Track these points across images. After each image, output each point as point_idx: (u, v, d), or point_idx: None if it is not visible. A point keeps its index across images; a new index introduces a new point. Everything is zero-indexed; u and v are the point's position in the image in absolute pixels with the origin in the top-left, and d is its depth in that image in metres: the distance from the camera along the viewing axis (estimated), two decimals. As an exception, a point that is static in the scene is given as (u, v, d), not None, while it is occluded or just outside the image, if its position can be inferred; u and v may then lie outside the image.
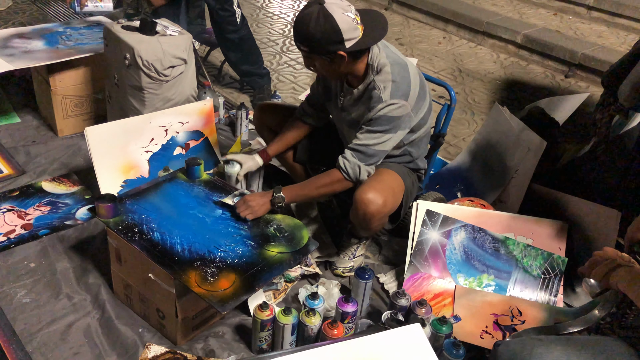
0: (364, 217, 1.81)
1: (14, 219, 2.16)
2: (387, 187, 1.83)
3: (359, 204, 1.79)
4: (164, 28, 2.40)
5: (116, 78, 2.40)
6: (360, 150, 1.80)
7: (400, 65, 1.80)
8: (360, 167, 1.81)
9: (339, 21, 1.65)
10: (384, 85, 1.76)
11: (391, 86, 1.76)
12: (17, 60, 2.51)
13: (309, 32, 1.67)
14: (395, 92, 1.76)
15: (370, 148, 1.79)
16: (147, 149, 2.29)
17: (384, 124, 1.77)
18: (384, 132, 1.78)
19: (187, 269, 1.59)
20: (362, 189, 1.80)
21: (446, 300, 1.93)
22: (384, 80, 1.76)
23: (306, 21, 1.67)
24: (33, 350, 1.65)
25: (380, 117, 1.77)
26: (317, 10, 1.66)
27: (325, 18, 1.65)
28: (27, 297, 1.84)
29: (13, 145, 2.62)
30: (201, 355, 1.69)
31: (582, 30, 4.45)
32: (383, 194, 1.79)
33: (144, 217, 1.76)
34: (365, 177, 1.83)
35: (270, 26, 4.51)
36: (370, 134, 1.79)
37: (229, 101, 3.20)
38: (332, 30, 1.66)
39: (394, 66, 1.78)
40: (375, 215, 1.79)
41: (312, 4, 1.68)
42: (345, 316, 1.69)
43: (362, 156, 1.80)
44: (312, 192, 1.89)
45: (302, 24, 1.69)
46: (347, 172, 1.82)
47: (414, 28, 4.74)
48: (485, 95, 3.61)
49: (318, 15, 1.65)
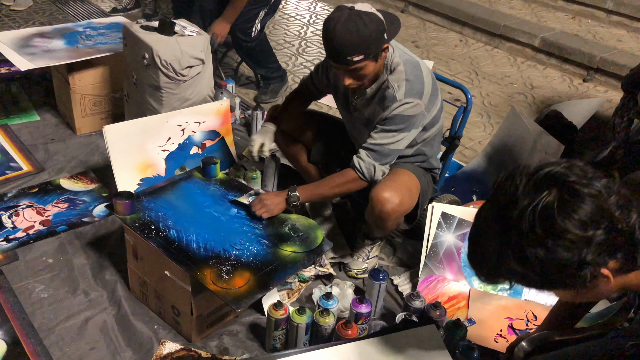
0: (379, 216, 1.80)
1: (33, 215, 2.19)
2: (403, 187, 1.82)
3: (375, 202, 1.79)
4: (182, 28, 2.42)
5: (134, 77, 2.43)
6: (375, 149, 1.80)
7: (413, 64, 1.79)
8: (375, 166, 1.80)
9: (378, 15, 1.65)
10: (398, 85, 1.75)
11: (405, 85, 1.75)
12: (38, 59, 2.55)
13: (360, 35, 1.61)
14: (409, 91, 1.75)
15: (385, 147, 1.79)
16: (164, 148, 2.31)
17: (398, 123, 1.77)
18: (399, 131, 1.78)
19: (202, 267, 1.60)
20: (379, 187, 1.80)
21: (460, 303, 1.92)
22: (397, 80, 1.76)
23: (352, 28, 1.60)
24: (50, 345, 1.68)
25: (395, 116, 1.76)
26: (354, 13, 1.62)
27: (367, 16, 1.62)
28: (45, 292, 1.86)
29: (32, 142, 2.66)
30: (215, 353, 1.70)
31: (601, 34, 4.39)
32: (399, 193, 1.79)
33: (161, 214, 1.78)
34: (380, 177, 1.83)
35: (287, 27, 4.52)
36: (385, 133, 1.78)
37: (245, 102, 3.22)
38: (378, 25, 1.64)
39: (407, 65, 1.77)
40: (391, 214, 1.79)
41: (342, 12, 1.63)
42: (359, 317, 1.69)
43: (377, 155, 1.80)
44: (327, 191, 1.89)
45: (348, 34, 1.60)
46: (361, 172, 1.82)
47: (430, 31, 4.73)
48: (501, 98, 3.59)
49: (360, 17, 1.61)
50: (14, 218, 2.16)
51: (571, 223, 0.86)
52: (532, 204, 0.88)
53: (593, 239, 0.86)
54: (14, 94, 3.02)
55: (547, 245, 0.87)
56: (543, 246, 0.87)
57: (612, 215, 0.87)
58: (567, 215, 0.86)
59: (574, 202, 0.87)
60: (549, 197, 0.88)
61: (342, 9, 1.65)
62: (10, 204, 2.24)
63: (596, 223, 0.86)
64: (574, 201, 0.86)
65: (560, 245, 0.86)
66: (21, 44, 2.68)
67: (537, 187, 0.89)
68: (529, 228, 0.87)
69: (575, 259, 0.86)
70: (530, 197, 0.89)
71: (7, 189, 2.32)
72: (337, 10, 1.66)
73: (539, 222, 0.87)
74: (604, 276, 0.90)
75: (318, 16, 4.83)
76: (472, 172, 2.50)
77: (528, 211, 0.88)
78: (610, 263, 0.91)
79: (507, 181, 0.94)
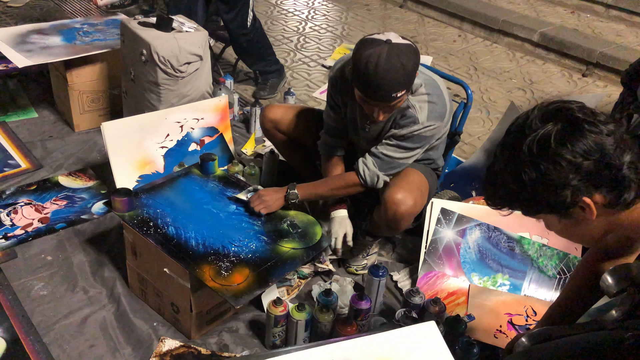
0: (393, 218, 1.79)
1: (31, 212, 2.19)
2: (416, 188, 1.81)
3: (389, 204, 1.77)
4: (180, 24, 2.41)
5: (132, 74, 2.42)
6: (384, 160, 1.78)
7: (433, 85, 1.75)
8: (379, 176, 1.80)
9: (412, 44, 1.60)
10: (420, 106, 1.72)
11: (428, 107, 1.72)
12: (36, 55, 2.54)
13: (406, 70, 1.56)
14: (431, 114, 1.73)
15: (395, 161, 1.79)
16: (163, 145, 2.30)
17: (415, 142, 1.77)
18: (413, 149, 1.78)
19: (201, 264, 1.60)
20: (392, 189, 1.78)
21: (460, 299, 1.92)
22: (419, 101, 1.72)
23: (397, 65, 1.54)
24: (50, 342, 1.67)
25: (413, 136, 1.75)
26: (394, 48, 1.55)
27: (407, 48, 1.57)
28: (44, 289, 1.86)
29: (30, 140, 2.65)
30: (215, 349, 1.70)
31: (600, 29, 4.39)
32: (413, 194, 1.77)
33: (159, 211, 1.77)
34: (380, 186, 1.82)
35: (285, 23, 4.51)
36: (399, 148, 1.77)
37: (243, 98, 3.21)
38: (416, 55, 1.60)
39: (428, 85, 1.74)
40: (404, 216, 1.78)
41: (380, 48, 1.55)
42: (359, 313, 1.69)
43: (384, 166, 1.79)
44: (326, 192, 1.89)
45: (394, 72, 1.55)
46: (364, 179, 1.81)
47: (428, 26, 4.71)
48: (500, 94, 3.58)
49: (401, 50, 1.56)
50: (12, 216, 2.16)
51: (565, 150, 0.94)
52: (535, 131, 0.97)
53: (581, 167, 0.94)
54: (12, 91, 3.01)
55: (539, 166, 0.96)
56: (537, 167, 0.96)
57: (605, 150, 0.94)
58: (563, 144, 0.95)
59: (574, 135, 0.95)
60: (552, 127, 0.96)
61: (377, 43, 1.57)
62: (8, 201, 2.24)
63: (588, 154, 0.94)
64: (574, 134, 0.95)
65: (550, 167, 0.95)
66: (18, 40, 2.66)
67: (545, 118, 0.98)
68: (528, 151, 0.97)
69: (563, 182, 0.95)
70: (536, 125, 0.98)
71: (5, 187, 2.32)
72: (371, 44, 1.57)
73: (536, 146, 0.96)
74: (586, 204, 0.97)
75: (316, 12, 4.82)
76: (471, 167, 2.50)
77: (530, 137, 0.97)
78: (596, 196, 0.98)
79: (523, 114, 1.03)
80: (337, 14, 4.82)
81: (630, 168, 0.95)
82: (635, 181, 0.96)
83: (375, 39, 1.59)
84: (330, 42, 4.19)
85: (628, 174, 0.95)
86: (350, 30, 4.47)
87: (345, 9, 4.95)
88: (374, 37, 1.60)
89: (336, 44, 4.15)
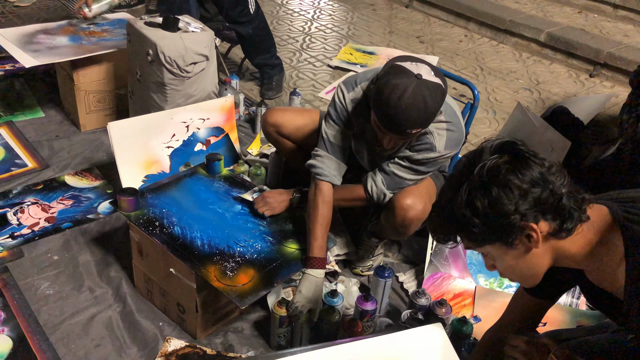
0: (402, 223, 1.77)
1: (38, 212, 2.20)
2: (425, 193, 1.79)
3: (398, 210, 1.75)
4: (186, 24, 2.41)
5: (138, 74, 2.43)
6: (394, 179, 1.76)
7: (450, 111, 1.71)
8: (386, 194, 1.78)
9: (442, 84, 1.55)
10: (439, 133, 1.69)
11: (446, 135, 1.69)
12: (42, 55, 2.55)
13: (428, 111, 1.53)
14: (449, 142, 1.70)
15: (405, 182, 1.76)
16: (169, 145, 2.31)
17: (429, 167, 1.75)
18: (425, 172, 1.77)
19: (206, 264, 1.60)
20: (401, 194, 1.77)
21: (466, 300, 1.91)
22: (438, 128, 1.69)
23: (420, 104, 1.50)
24: (56, 341, 1.68)
25: (428, 163, 1.73)
26: (423, 86, 1.51)
27: (435, 89, 1.52)
28: (50, 288, 1.87)
29: (37, 139, 2.66)
30: (220, 350, 1.70)
31: (607, 29, 4.36)
32: (422, 199, 1.76)
33: (165, 211, 1.78)
34: (385, 202, 1.80)
35: (290, 23, 4.51)
36: (411, 171, 1.75)
37: (249, 98, 3.21)
38: (442, 97, 1.56)
39: (447, 113, 1.69)
40: (414, 221, 1.77)
41: (408, 82, 1.50)
42: (365, 314, 1.68)
43: (393, 185, 1.77)
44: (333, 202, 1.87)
45: (416, 110, 1.51)
46: (371, 195, 1.79)
47: (435, 26, 4.70)
48: (507, 94, 3.57)
49: (428, 90, 1.51)
50: (19, 215, 2.17)
51: (514, 177, 1.02)
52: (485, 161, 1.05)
53: (529, 193, 1.02)
54: (19, 91, 3.03)
55: (491, 192, 1.02)
56: (488, 192, 1.03)
57: (549, 180, 1.03)
58: (512, 171, 1.03)
59: (521, 165, 1.03)
60: (501, 158, 1.04)
61: (407, 74, 1.51)
62: (15, 200, 2.25)
63: (534, 183, 1.02)
64: (521, 164, 1.03)
65: (502, 192, 1.02)
66: (25, 40, 2.67)
67: (492, 152, 1.07)
68: (478, 177, 1.04)
69: (512, 207, 1.01)
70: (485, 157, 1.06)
71: (12, 186, 2.33)
72: (401, 74, 1.52)
73: (487, 173, 1.04)
74: (533, 230, 1.03)
75: (322, 11, 4.81)
76: (477, 168, 2.49)
77: (480, 165, 1.05)
78: (542, 224, 1.04)
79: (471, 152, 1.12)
80: (342, 13, 4.82)
81: (569, 197, 1.04)
82: (575, 209, 1.04)
83: (406, 70, 1.52)
84: (336, 42, 4.19)
85: (568, 203, 1.03)
86: (356, 30, 4.46)
87: (351, 8, 4.94)
88: (406, 67, 1.53)
89: (342, 44, 4.15)
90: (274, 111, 2.12)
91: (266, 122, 2.11)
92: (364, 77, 1.78)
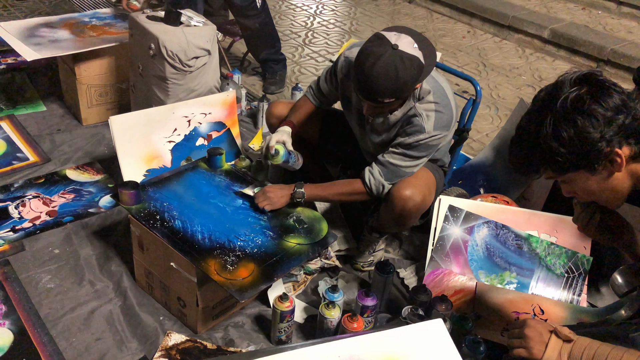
0: (401, 214, 1.78)
1: (39, 205, 2.20)
2: (424, 184, 1.80)
3: (397, 200, 1.76)
4: (188, 19, 2.41)
5: (140, 68, 2.42)
6: (390, 169, 1.77)
7: (441, 92, 1.72)
8: (384, 185, 1.79)
9: (420, 57, 1.55)
10: (427, 114, 1.70)
11: (435, 116, 1.70)
12: (44, 49, 2.54)
13: (399, 81, 1.54)
14: (438, 123, 1.71)
15: (401, 170, 1.77)
16: (170, 139, 2.30)
17: (421, 151, 1.75)
18: (419, 157, 1.77)
19: (207, 257, 1.60)
20: (400, 185, 1.77)
21: (467, 296, 1.91)
22: (427, 109, 1.70)
23: (391, 73, 1.52)
24: (57, 335, 1.68)
25: (419, 145, 1.73)
26: (397, 56, 1.52)
27: (409, 60, 1.53)
28: (51, 282, 1.87)
29: (39, 133, 2.66)
30: (221, 344, 1.70)
31: (611, 26, 4.34)
32: (421, 190, 1.76)
33: (166, 204, 1.78)
34: (384, 194, 1.81)
35: (293, 18, 4.50)
36: (405, 157, 1.76)
37: (251, 93, 3.20)
38: (419, 70, 1.56)
39: (436, 94, 1.71)
40: (412, 212, 1.77)
41: (383, 50, 1.53)
42: (365, 310, 1.68)
43: (389, 174, 1.78)
44: (332, 196, 1.89)
45: (386, 78, 1.53)
46: (369, 188, 1.80)
47: (437, 22, 4.68)
48: (509, 90, 3.55)
49: (402, 60, 1.52)
50: (20, 208, 2.17)
51: (598, 106, 1.06)
52: (567, 93, 1.08)
53: (614, 121, 1.06)
54: (20, 84, 3.02)
55: (576, 122, 1.06)
56: (574, 122, 1.06)
57: (631, 106, 1.07)
58: (595, 101, 1.06)
59: (603, 94, 1.07)
60: (582, 89, 1.08)
61: (383, 43, 1.54)
62: (16, 194, 2.25)
63: (618, 110, 1.06)
64: (603, 93, 1.07)
65: (587, 122, 1.06)
66: (27, 34, 2.67)
67: (573, 84, 1.09)
68: (562, 109, 1.07)
69: (598, 134, 1.06)
70: (567, 89, 1.09)
71: (13, 180, 2.33)
72: (378, 43, 1.54)
73: (571, 104, 1.07)
74: (618, 155, 1.07)
75: (325, 7, 4.80)
76: (479, 165, 2.48)
77: (563, 97, 1.08)
78: (625, 148, 1.09)
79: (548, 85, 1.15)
80: (345, 9, 4.80)
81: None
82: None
83: (384, 38, 1.55)
84: (338, 38, 4.18)
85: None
86: (358, 25, 4.45)
87: (354, 4, 4.93)
88: (385, 36, 1.56)
89: (344, 39, 4.13)
90: (279, 103, 2.15)
91: (271, 114, 2.13)
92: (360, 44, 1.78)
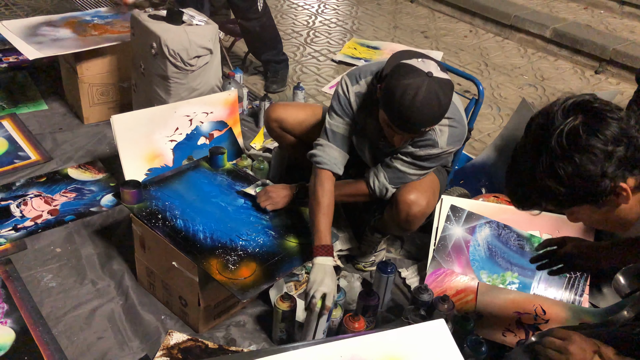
0: (406, 219, 1.77)
1: (41, 204, 2.20)
2: (428, 187, 1.79)
3: (402, 205, 1.75)
4: (190, 18, 2.40)
5: (142, 67, 2.42)
6: (397, 174, 1.76)
7: (454, 108, 1.69)
8: (388, 189, 1.78)
9: (449, 79, 1.54)
10: (441, 129, 1.68)
11: (448, 131, 1.69)
12: (46, 48, 2.54)
13: (442, 108, 1.52)
14: (451, 138, 1.70)
15: (407, 177, 1.76)
16: (172, 138, 2.30)
17: (432, 163, 1.75)
18: (428, 167, 1.76)
19: (208, 257, 1.60)
20: (405, 189, 1.76)
21: (469, 296, 1.91)
22: (441, 124, 1.66)
23: (434, 103, 1.49)
24: (58, 334, 1.68)
25: (430, 157, 1.73)
26: (434, 83, 1.49)
27: (446, 85, 1.51)
28: (53, 281, 1.87)
29: (40, 132, 2.66)
30: (222, 343, 1.70)
31: (613, 25, 4.33)
32: (425, 194, 1.75)
33: (168, 203, 1.78)
34: (388, 197, 1.80)
35: (295, 17, 4.49)
36: (414, 166, 1.75)
37: (252, 92, 3.20)
38: (452, 91, 1.55)
39: (450, 109, 1.66)
40: (418, 217, 1.76)
41: (420, 81, 1.48)
42: (367, 310, 1.68)
43: (395, 179, 1.77)
44: (335, 197, 1.85)
45: (429, 109, 1.49)
46: (373, 190, 1.79)
47: (439, 21, 4.68)
48: (511, 90, 3.55)
49: (440, 87, 1.50)
50: (22, 207, 2.17)
51: (595, 140, 0.98)
52: (561, 126, 1.00)
53: (614, 154, 0.98)
54: (22, 83, 3.02)
55: (574, 159, 0.98)
56: (571, 160, 0.99)
57: (631, 134, 0.99)
58: (591, 134, 0.98)
59: (599, 124, 0.99)
60: (576, 120, 1.00)
61: (418, 73, 1.49)
62: (18, 193, 2.25)
63: (617, 141, 0.98)
64: (600, 123, 0.99)
65: (585, 159, 0.98)
66: (29, 32, 2.67)
67: (566, 114, 1.02)
68: (559, 146, 0.99)
69: (599, 171, 0.98)
70: (559, 121, 1.01)
71: (15, 178, 2.33)
72: (411, 74, 1.49)
73: (566, 140, 0.99)
74: (623, 189, 1.00)
75: (326, 6, 4.79)
76: (481, 164, 2.48)
77: (557, 132, 1.00)
78: (629, 180, 1.01)
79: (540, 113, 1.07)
80: (347, 8, 4.80)
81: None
82: None
83: (415, 69, 1.50)
84: (340, 37, 4.17)
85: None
86: (360, 24, 4.45)
87: (356, 3, 4.92)
88: (415, 66, 1.51)
89: (346, 39, 4.13)
90: (276, 106, 2.12)
91: (269, 118, 2.10)
92: (367, 70, 1.76)
